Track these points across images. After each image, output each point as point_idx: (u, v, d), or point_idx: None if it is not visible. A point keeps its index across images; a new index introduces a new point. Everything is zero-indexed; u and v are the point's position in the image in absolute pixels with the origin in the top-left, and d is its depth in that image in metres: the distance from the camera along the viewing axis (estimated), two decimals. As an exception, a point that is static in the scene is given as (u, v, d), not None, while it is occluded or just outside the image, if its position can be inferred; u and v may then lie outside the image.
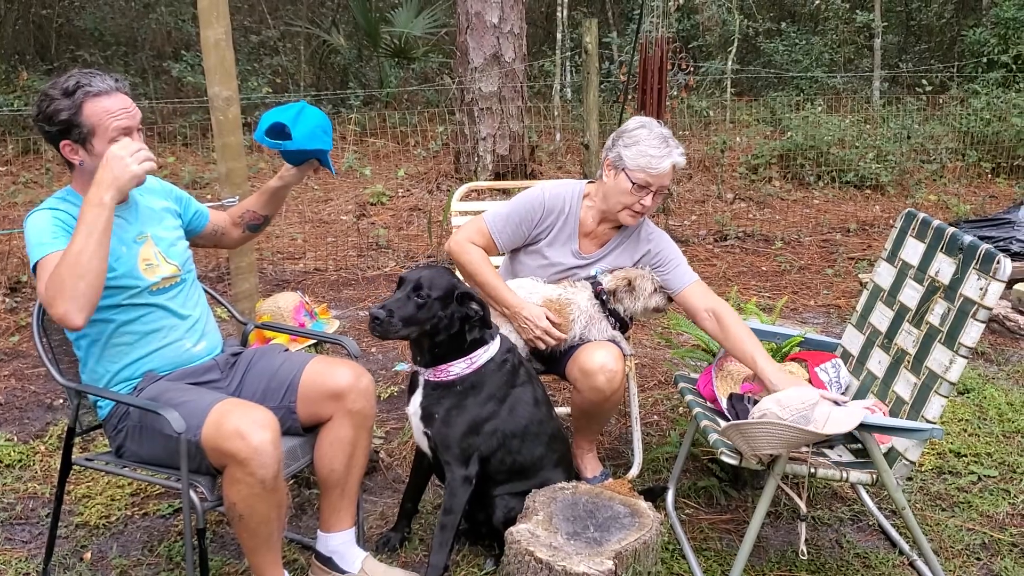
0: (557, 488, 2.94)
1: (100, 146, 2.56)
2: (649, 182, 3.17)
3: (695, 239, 7.36)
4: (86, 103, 2.54)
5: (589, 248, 3.40)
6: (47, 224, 2.54)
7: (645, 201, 3.21)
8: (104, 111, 2.55)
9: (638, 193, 3.19)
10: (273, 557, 2.60)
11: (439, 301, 2.78)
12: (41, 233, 2.53)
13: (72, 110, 2.53)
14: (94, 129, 2.55)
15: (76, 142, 2.57)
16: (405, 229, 7.47)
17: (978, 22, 13.19)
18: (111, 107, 2.57)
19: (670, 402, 4.32)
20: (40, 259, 2.50)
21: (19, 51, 12.46)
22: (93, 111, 2.54)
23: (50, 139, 2.61)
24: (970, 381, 4.48)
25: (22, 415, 4.21)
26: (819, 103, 10.31)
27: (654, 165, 3.15)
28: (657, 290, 3.34)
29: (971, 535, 3.23)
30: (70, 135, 2.56)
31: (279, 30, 13.01)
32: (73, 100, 2.53)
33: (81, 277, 2.40)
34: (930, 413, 2.70)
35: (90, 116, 2.54)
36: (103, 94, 2.57)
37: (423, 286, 2.77)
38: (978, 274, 2.69)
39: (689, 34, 13.27)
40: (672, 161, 3.16)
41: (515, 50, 7.63)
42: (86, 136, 2.56)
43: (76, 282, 2.40)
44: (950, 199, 8.44)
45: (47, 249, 2.50)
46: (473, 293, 2.88)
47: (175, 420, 2.41)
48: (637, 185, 3.17)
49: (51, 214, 2.57)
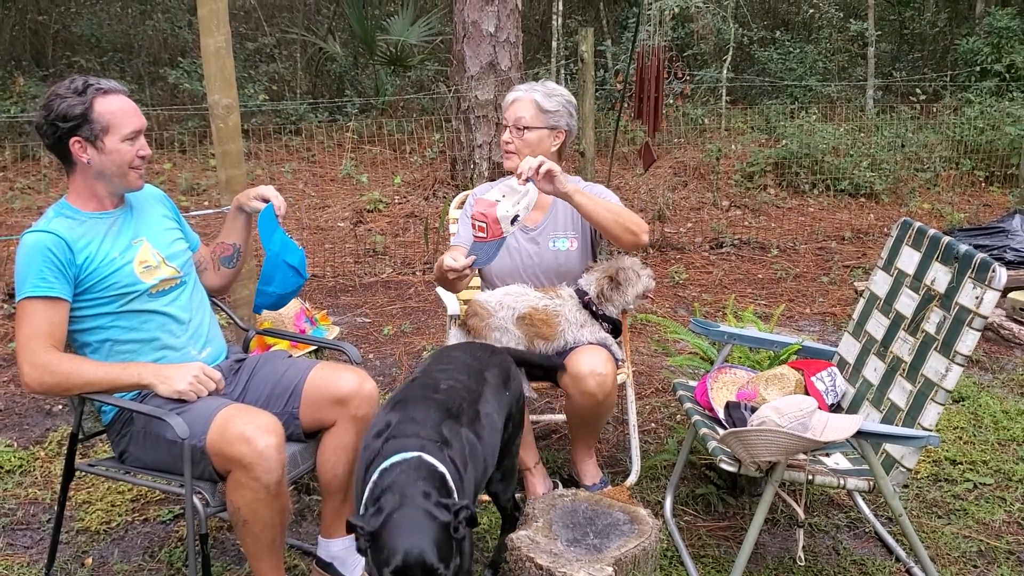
0: (556, 495, 2.96)
1: (112, 143, 2.63)
2: (505, 118, 3.43)
3: (691, 246, 7.39)
4: (97, 99, 2.60)
5: (535, 219, 3.50)
6: (37, 259, 2.57)
7: (504, 136, 3.43)
8: (118, 109, 2.63)
9: (504, 135, 3.43)
10: (275, 562, 2.62)
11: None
12: (29, 267, 2.57)
13: (85, 105, 2.59)
14: (108, 127, 2.61)
15: (87, 139, 2.62)
16: (402, 236, 7.49)
17: (971, 31, 13.26)
18: (123, 105, 2.65)
19: (667, 410, 4.35)
20: (22, 299, 2.57)
21: (15, 57, 12.45)
22: (106, 108, 2.61)
23: (57, 141, 2.63)
24: (965, 389, 4.51)
25: (22, 421, 4.22)
26: (813, 111, 10.35)
27: (506, 102, 3.46)
28: (640, 274, 3.36)
29: (967, 543, 3.25)
30: (80, 131, 2.61)
31: (275, 37, 13.02)
32: (84, 97, 2.59)
33: (67, 391, 2.61)
34: (926, 420, 2.73)
35: (103, 113, 2.61)
36: (112, 93, 2.65)
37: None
38: (974, 283, 2.72)
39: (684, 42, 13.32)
40: (515, 96, 3.42)
41: (511, 58, 7.66)
42: (98, 133, 2.61)
43: (57, 389, 2.60)
44: (944, 207, 8.48)
45: (30, 292, 2.56)
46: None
47: (179, 426, 2.43)
48: (503, 126, 3.44)
49: (40, 246, 2.58)
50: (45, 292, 2.55)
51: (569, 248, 3.45)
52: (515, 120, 3.38)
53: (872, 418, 2.98)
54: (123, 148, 2.65)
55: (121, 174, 2.68)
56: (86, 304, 2.65)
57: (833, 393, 3.15)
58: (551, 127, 3.39)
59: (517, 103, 3.40)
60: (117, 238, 2.72)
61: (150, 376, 2.61)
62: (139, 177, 2.74)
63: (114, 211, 2.76)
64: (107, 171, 2.67)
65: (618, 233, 3.14)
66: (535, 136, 3.37)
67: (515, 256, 3.48)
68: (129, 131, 2.65)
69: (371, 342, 5.32)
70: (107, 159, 2.64)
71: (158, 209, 2.93)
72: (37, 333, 2.55)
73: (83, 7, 13.43)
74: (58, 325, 2.59)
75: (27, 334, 2.55)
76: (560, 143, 3.44)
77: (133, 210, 2.83)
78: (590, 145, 6.20)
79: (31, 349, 2.54)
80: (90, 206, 2.72)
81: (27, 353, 2.54)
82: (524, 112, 3.37)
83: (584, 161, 6.24)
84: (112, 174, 2.67)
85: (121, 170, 2.67)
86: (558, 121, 3.40)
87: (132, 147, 2.67)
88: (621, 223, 3.13)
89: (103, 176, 2.68)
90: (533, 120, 3.37)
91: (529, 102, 3.38)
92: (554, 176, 3.02)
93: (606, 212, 3.12)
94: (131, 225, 2.79)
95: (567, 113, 3.42)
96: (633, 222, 3.16)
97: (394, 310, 5.90)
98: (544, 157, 3.05)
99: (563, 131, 3.43)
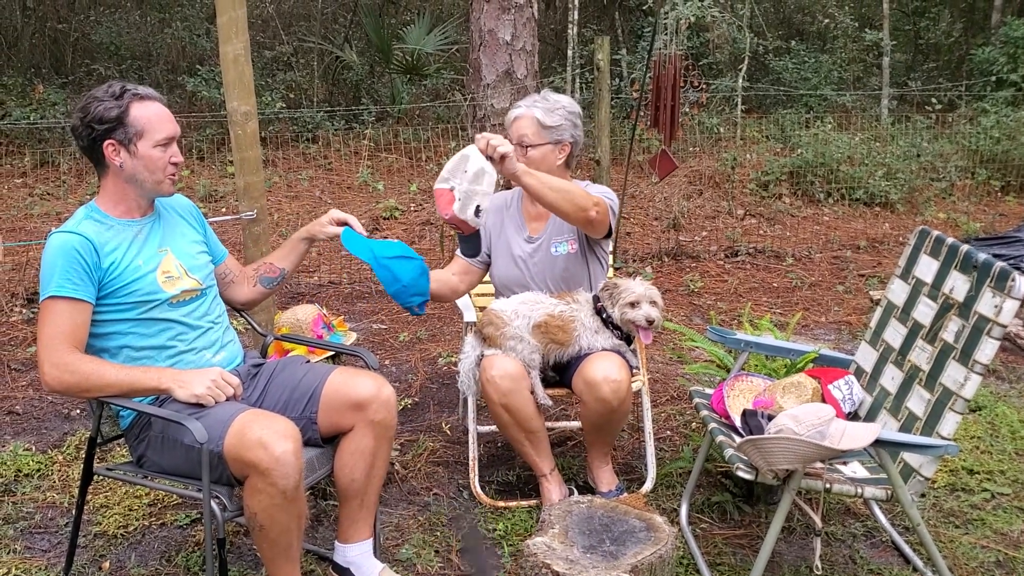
0: (572, 502, 2.96)
1: (145, 148, 2.67)
2: (509, 136, 3.40)
3: (706, 255, 7.38)
4: (133, 104, 2.65)
5: (537, 229, 3.54)
6: (64, 259, 2.59)
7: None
8: (153, 115, 2.68)
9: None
10: (292, 568, 2.62)
11: None
12: (55, 267, 2.59)
13: (121, 109, 2.64)
14: (142, 131, 2.66)
15: (120, 142, 2.65)
16: (418, 243, 7.51)
17: (987, 41, 13.22)
18: (158, 111, 2.70)
19: (683, 417, 4.34)
20: (47, 298, 2.59)
21: (35, 65, 12.55)
22: (142, 113, 2.66)
23: (91, 143, 2.67)
24: (982, 398, 4.49)
25: (40, 425, 4.24)
26: (828, 121, 10.34)
27: (508, 119, 3.48)
28: (640, 303, 3.29)
29: (985, 552, 3.23)
30: (115, 134, 2.65)
31: (292, 46, 13.09)
32: (121, 101, 2.64)
33: (86, 391, 2.62)
34: (945, 430, 2.72)
35: (139, 118, 2.65)
36: (148, 99, 2.70)
37: None
38: (993, 292, 2.71)
39: (699, 52, 13.31)
40: (516, 113, 3.44)
41: (527, 67, 7.67)
42: (132, 137, 2.65)
43: (77, 390, 2.61)
44: (959, 217, 8.45)
45: (55, 291, 2.58)
46: None
47: (198, 431, 2.44)
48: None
49: (68, 247, 2.60)
50: (70, 293, 2.57)
51: (569, 251, 3.47)
52: (518, 138, 3.39)
53: (890, 427, 2.97)
54: (155, 154, 2.68)
55: (153, 180, 2.71)
56: (107, 309, 2.67)
57: (850, 401, 3.14)
58: (555, 142, 3.41)
59: (519, 121, 3.42)
60: (144, 246, 2.75)
61: (169, 380, 2.63)
62: (172, 183, 2.77)
63: (142, 219, 2.79)
64: (139, 175, 2.70)
65: (568, 210, 3.16)
66: (539, 153, 3.39)
67: (522, 266, 3.50)
68: (162, 137, 2.68)
69: (387, 348, 5.34)
70: (139, 163, 2.68)
71: (186, 220, 2.96)
72: (60, 333, 2.56)
73: (102, 15, 13.54)
74: (80, 326, 2.60)
75: (50, 333, 2.57)
76: (566, 155, 3.45)
77: (161, 219, 2.85)
78: (605, 153, 6.21)
79: (53, 348, 2.56)
80: (119, 211, 2.74)
81: (49, 352, 2.56)
82: (526, 130, 3.39)
83: (600, 169, 6.25)
84: (143, 179, 2.70)
85: (153, 176, 2.71)
86: (561, 135, 3.41)
87: (164, 153, 2.70)
88: (569, 199, 3.14)
89: (134, 180, 2.71)
90: (535, 138, 3.38)
91: (530, 120, 3.39)
92: (506, 158, 3.03)
93: (552, 192, 3.11)
94: (158, 234, 2.81)
95: (571, 125, 3.43)
96: (580, 196, 3.17)
97: (409, 317, 5.91)
98: (502, 139, 3.05)
99: (568, 143, 3.44)
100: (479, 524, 3.40)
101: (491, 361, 3.24)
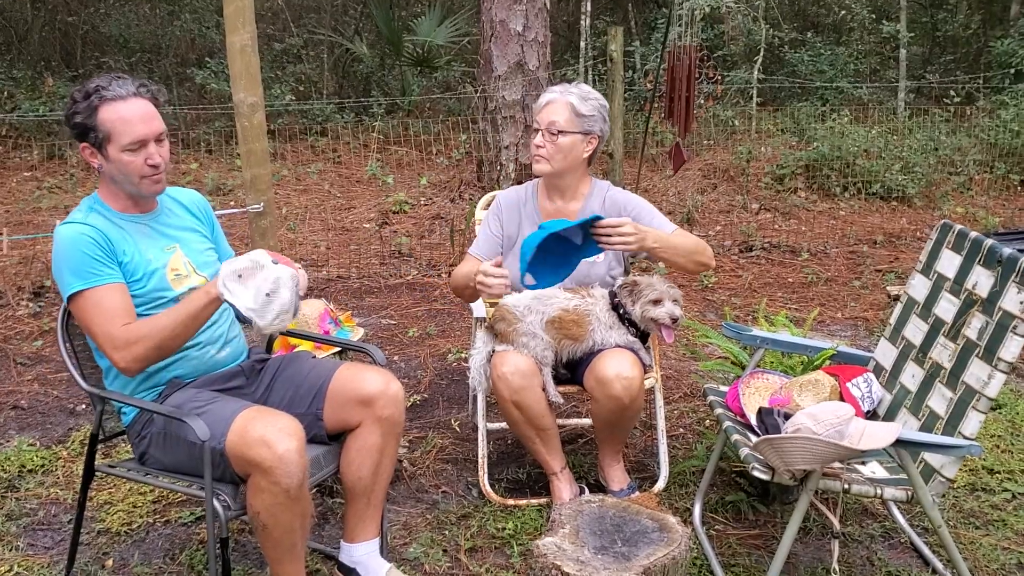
0: (583, 501, 2.90)
1: (114, 153, 2.55)
2: (538, 121, 3.33)
3: (720, 249, 7.29)
4: (101, 107, 2.52)
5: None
6: (82, 251, 2.52)
7: (536, 140, 3.34)
8: (119, 118, 2.53)
9: (536, 138, 3.35)
10: (296, 567, 2.57)
11: None
12: (71, 261, 2.51)
13: (87, 113, 2.52)
14: (109, 135, 2.53)
15: (93, 146, 2.57)
16: (427, 238, 7.45)
17: (1006, 33, 13.05)
18: (126, 114, 2.54)
19: (696, 415, 4.27)
20: (75, 293, 2.51)
21: (45, 58, 12.55)
22: (108, 116, 2.52)
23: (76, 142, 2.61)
24: (1002, 396, 4.40)
25: (45, 420, 4.20)
26: (844, 113, 10.22)
27: (539, 104, 3.37)
28: (662, 301, 3.23)
29: (1007, 554, 3.15)
30: (87, 138, 2.56)
31: (302, 38, 13.04)
32: (89, 103, 2.52)
33: (159, 348, 2.51)
34: (967, 429, 2.64)
35: (105, 121, 2.52)
36: (119, 99, 2.54)
37: None
38: (1018, 287, 2.62)
39: (714, 44, 13.20)
40: (549, 97, 3.33)
41: (539, 58, 7.59)
42: (102, 141, 2.55)
43: (151, 351, 2.50)
44: (978, 211, 8.34)
45: (83, 285, 2.51)
46: None
47: (200, 428, 2.38)
48: (534, 129, 3.36)
49: (83, 238, 2.53)
50: (104, 280, 2.51)
51: (596, 259, 3.39)
52: (548, 124, 3.30)
53: (910, 426, 2.89)
54: (124, 158, 2.55)
55: (131, 183, 2.61)
56: None
57: (869, 400, 3.06)
58: (585, 132, 3.32)
59: (551, 105, 3.32)
60: (152, 242, 2.69)
61: (210, 287, 2.48)
62: (153, 183, 2.64)
63: (146, 215, 2.72)
64: (116, 178, 2.61)
65: (692, 269, 3.33)
66: (568, 141, 3.30)
67: None
68: (129, 141, 2.54)
69: (396, 344, 5.28)
70: (113, 167, 2.58)
71: (193, 215, 2.89)
72: (107, 321, 2.49)
73: (112, 8, 13.53)
74: (123, 304, 2.53)
75: (99, 325, 2.50)
76: (592, 149, 3.37)
77: (166, 215, 2.79)
78: (618, 146, 6.14)
79: (109, 338, 2.49)
80: (119, 206, 2.68)
81: (108, 344, 2.49)
82: (558, 116, 3.29)
83: (612, 163, 6.17)
84: (121, 181, 2.61)
85: (129, 179, 2.60)
86: (592, 126, 3.33)
87: (135, 157, 2.56)
88: (694, 260, 3.26)
89: (115, 181, 2.63)
90: (567, 124, 3.29)
91: (565, 105, 3.30)
92: (630, 246, 3.06)
93: (682, 258, 3.22)
94: (165, 231, 2.75)
95: (601, 118, 3.36)
96: (700, 253, 3.26)
97: (419, 312, 5.86)
98: (629, 221, 3.06)
99: (596, 136, 3.36)
100: (488, 523, 3.33)
101: (503, 357, 3.18)
